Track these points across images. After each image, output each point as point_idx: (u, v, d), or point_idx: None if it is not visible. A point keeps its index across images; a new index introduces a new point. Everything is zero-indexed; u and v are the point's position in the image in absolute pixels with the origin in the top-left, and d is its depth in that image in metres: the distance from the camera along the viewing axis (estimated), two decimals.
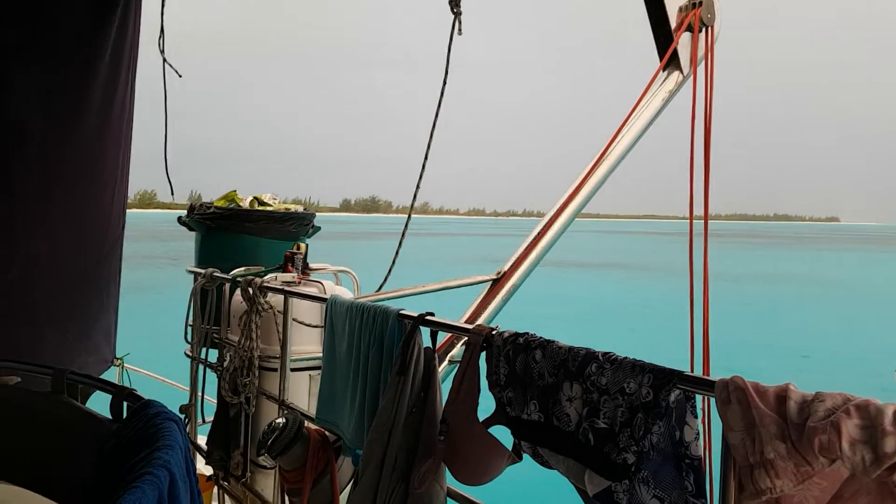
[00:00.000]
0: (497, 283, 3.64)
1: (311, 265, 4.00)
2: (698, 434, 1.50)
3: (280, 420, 2.89)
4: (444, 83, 3.83)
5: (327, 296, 3.00)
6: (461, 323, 2.66)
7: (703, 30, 3.82)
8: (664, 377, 1.52)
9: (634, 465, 1.52)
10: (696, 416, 1.50)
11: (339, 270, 4.20)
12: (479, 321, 3.45)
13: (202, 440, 4.06)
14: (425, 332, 2.33)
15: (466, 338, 2.14)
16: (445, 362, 3.26)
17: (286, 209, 4.62)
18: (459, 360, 2.14)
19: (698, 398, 1.53)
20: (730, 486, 1.42)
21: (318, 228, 4.79)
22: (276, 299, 3.55)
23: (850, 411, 1.24)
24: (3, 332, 4.03)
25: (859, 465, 1.22)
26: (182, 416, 4.10)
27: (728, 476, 1.42)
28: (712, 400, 1.46)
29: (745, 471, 1.36)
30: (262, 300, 3.54)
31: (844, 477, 1.28)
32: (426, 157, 3.91)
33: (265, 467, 3.62)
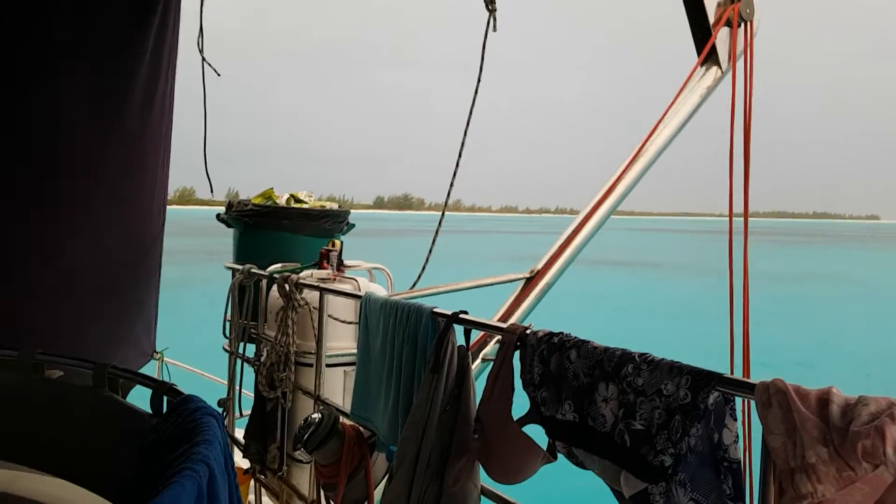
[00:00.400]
0: (530, 281, 3.64)
1: (346, 262, 4.03)
2: (738, 437, 1.47)
3: (316, 415, 2.92)
4: (479, 81, 3.83)
5: (362, 293, 3.02)
6: (494, 321, 2.66)
7: (742, 25, 3.76)
8: (703, 379, 1.50)
9: (671, 467, 1.50)
10: (735, 419, 1.48)
11: (373, 267, 4.23)
12: (512, 319, 3.45)
13: (240, 433, 4.12)
14: (458, 329, 2.33)
15: (500, 336, 2.13)
16: (478, 360, 3.26)
17: (321, 207, 4.66)
18: (492, 358, 2.14)
19: (738, 400, 1.51)
20: (769, 490, 1.40)
21: (353, 226, 4.83)
22: (311, 296, 3.58)
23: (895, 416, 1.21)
24: (46, 326, 4.13)
25: None
26: (220, 410, 4.17)
27: (768, 480, 1.40)
28: (753, 402, 1.44)
29: (786, 475, 1.34)
30: (298, 296, 3.58)
31: (888, 483, 1.26)
32: (460, 155, 3.91)
33: (301, 462, 3.65)
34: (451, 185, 3.97)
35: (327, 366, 3.47)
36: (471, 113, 3.86)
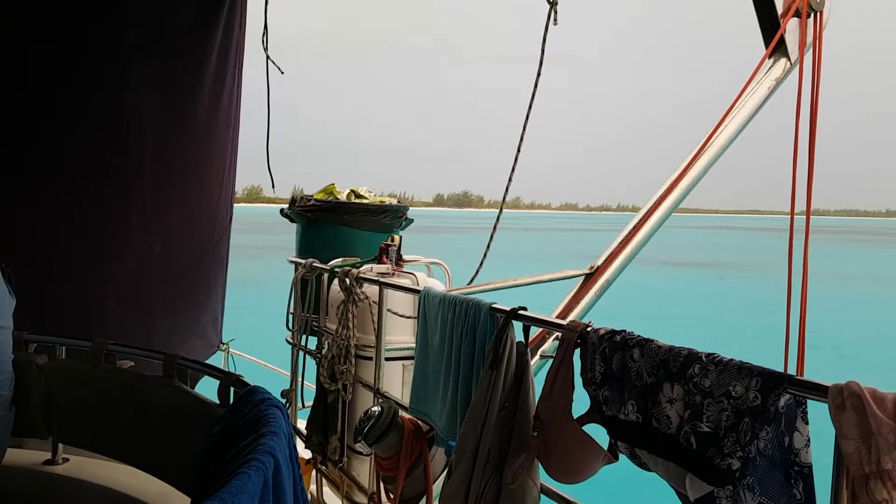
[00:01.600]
0: (590, 278, 3.59)
1: (405, 257, 4.06)
2: (809, 440, 1.43)
3: (375, 408, 2.95)
4: (538, 75, 3.80)
5: (420, 287, 3.04)
6: (554, 318, 2.63)
7: (812, 15, 3.63)
8: (773, 381, 1.45)
9: (739, 470, 1.46)
10: (806, 423, 1.43)
11: (432, 262, 4.24)
12: (571, 316, 3.42)
13: (301, 424, 4.20)
14: (517, 326, 2.32)
15: (559, 333, 2.11)
16: (537, 357, 3.24)
17: (381, 202, 4.70)
18: (551, 355, 2.12)
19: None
20: (842, 496, 1.35)
21: (411, 221, 4.85)
22: (371, 290, 3.62)
23: None
24: (119, 318, 4.29)
25: None
26: (284, 401, 4.26)
27: (840, 485, 1.35)
28: (812, 404, 1.40)
29: (860, 481, 1.29)
30: (358, 290, 3.62)
31: None
32: (518, 151, 3.89)
33: (361, 454, 3.71)
34: (510, 180, 3.96)
35: (386, 359, 3.51)
36: (530, 109, 3.84)
